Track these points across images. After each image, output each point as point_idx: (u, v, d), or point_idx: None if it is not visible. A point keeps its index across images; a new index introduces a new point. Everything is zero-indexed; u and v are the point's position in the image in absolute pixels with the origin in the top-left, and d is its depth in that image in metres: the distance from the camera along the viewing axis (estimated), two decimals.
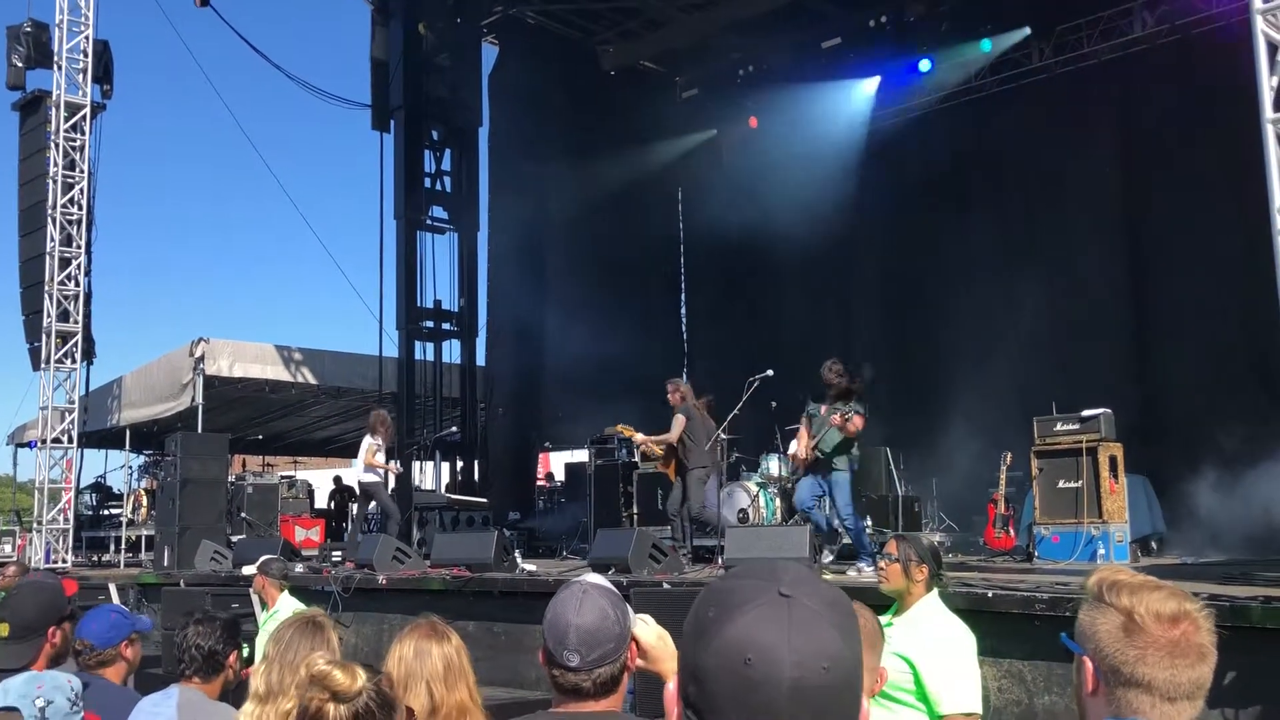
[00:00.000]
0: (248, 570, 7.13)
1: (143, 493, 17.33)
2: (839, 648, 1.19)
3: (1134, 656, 1.67)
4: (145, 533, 16.24)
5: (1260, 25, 6.69)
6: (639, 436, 10.73)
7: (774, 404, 11.66)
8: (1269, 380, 11.93)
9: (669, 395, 10.82)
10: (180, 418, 17.00)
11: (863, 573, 8.68)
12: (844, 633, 1.21)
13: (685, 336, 19.39)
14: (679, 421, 10.47)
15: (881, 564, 4.10)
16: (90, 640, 3.90)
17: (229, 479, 15.57)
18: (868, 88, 16.24)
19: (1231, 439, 10.86)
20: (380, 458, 12.24)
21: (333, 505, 20.49)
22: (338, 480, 21.12)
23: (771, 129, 16.85)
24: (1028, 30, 14.56)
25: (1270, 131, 6.61)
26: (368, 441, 12.27)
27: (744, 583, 1.24)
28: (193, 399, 16.35)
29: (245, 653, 4.33)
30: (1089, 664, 1.73)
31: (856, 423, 9.11)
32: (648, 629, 2.31)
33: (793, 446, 9.60)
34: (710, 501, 10.44)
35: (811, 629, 1.18)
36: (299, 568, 12.01)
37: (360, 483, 12.54)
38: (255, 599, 10.41)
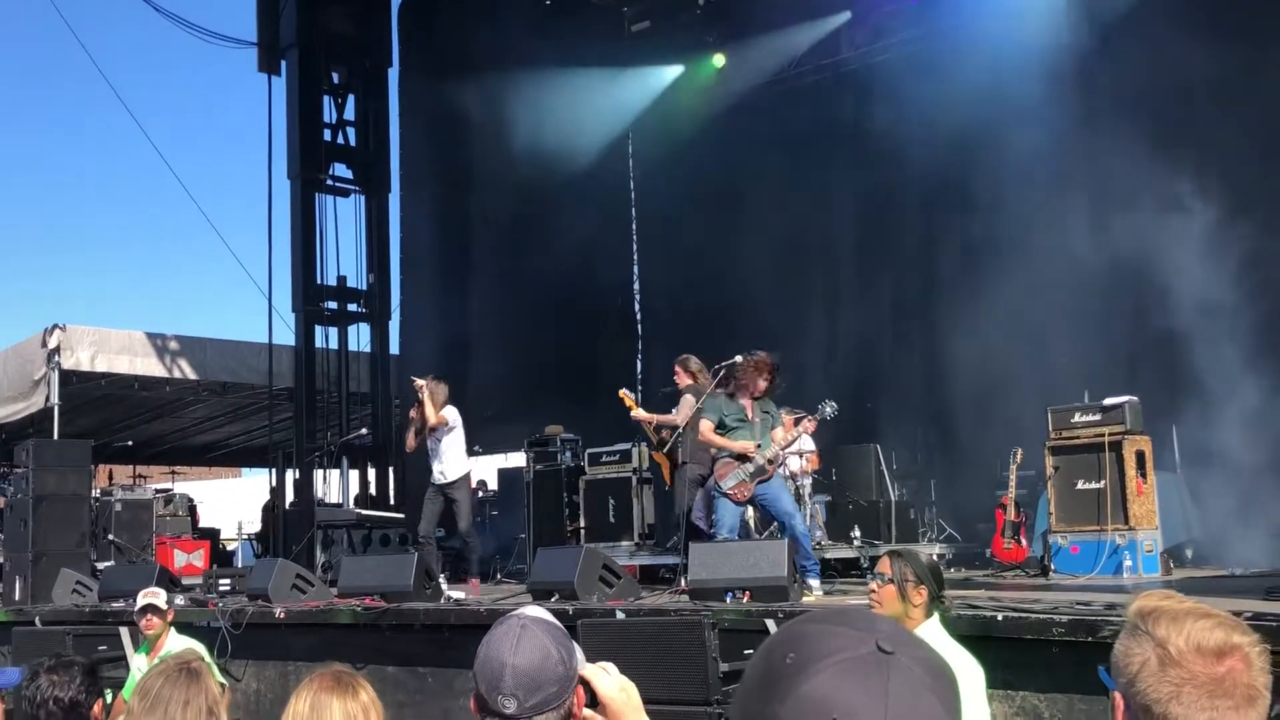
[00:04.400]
0: (161, 602, 7.09)
1: None
2: None
3: (1167, 694, 1.68)
4: None
5: None
6: (640, 412, 10.64)
7: None
8: None
9: (676, 377, 10.64)
10: (32, 421, 16.80)
11: (812, 590, 8.82)
12: (946, 705, 1.21)
13: (639, 315, 19.39)
14: (688, 402, 10.27)
15: (874, 585, 4.14)
16: None
17: (93, 494, 15.38)
18: (845, 21, 16.29)
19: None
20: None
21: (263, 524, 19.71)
22: (274, 492, 20.27)
23: (737, 67, 16.87)
24: None
25: None
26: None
27: (834, 629, 1.24)
28: (47, 398, 16.14)
29: (109, 701, 4.29)
30: (1119, 700, 1.76)
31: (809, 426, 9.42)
32: (609, 679, 2.28)
33: (732, 479, 9.29)
34: (699, 511, 10.48)
35: (912, 697, 1.17)
36: (180, 599, 11.91)
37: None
38: (126, 638, 10.34)
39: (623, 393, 10.89)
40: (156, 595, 7.29)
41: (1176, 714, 1.68)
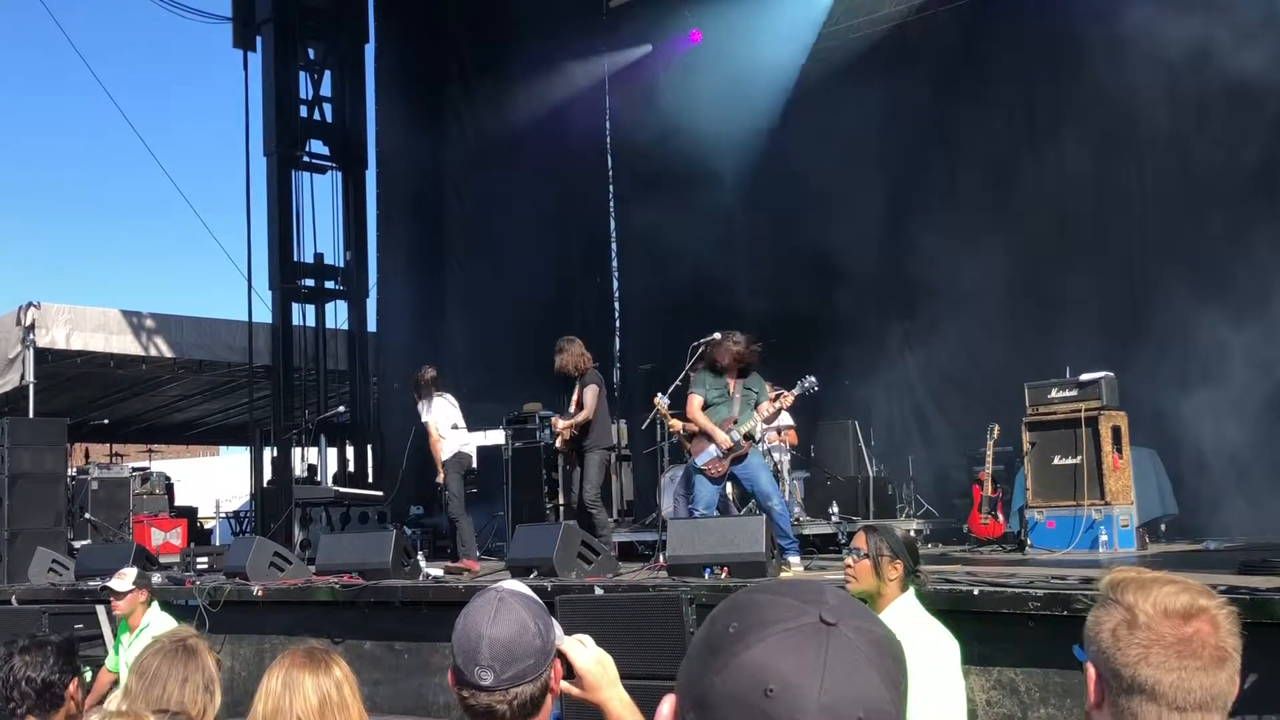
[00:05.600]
0: (120, 585, 7.08)
1: None
2: (880, 695, 1.18)
3: (1136, 656, 1.71)
4: None
5: None
6: (561, 423, 10.84)
7: None
8: None
9: (560, 358, 10.78)
10: (7, 400, 16.71)
11: (792, 567, 8.92)
12: (888, 680, 1.20)
13: (616, 293, 19.37)
14: (593, 393, 10.55)
15: (849, 560, 4.16)
16: None
17: (69, 473, 15.33)
18: None
19: (1254, 401, 11.03)
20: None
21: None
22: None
23: (718, 43, 16.80)
24: None
25: None
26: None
27: (779, 599, 1.23)
28: (22, 377, 16.05)
29: (88, 679, 4.29)
30: (1092, 671, 1.78)
31: (786, 400, 9.49)
32: (585, 652, 2.30)
33: (706, 455, 9.39)
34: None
35: (851, 669, 1.17)
36: (157, 577, 11.89)
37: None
38: (103, 616, 10.33)
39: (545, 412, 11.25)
40: (121, 578, 7.26)
41: (1145, 675, 1.70)
